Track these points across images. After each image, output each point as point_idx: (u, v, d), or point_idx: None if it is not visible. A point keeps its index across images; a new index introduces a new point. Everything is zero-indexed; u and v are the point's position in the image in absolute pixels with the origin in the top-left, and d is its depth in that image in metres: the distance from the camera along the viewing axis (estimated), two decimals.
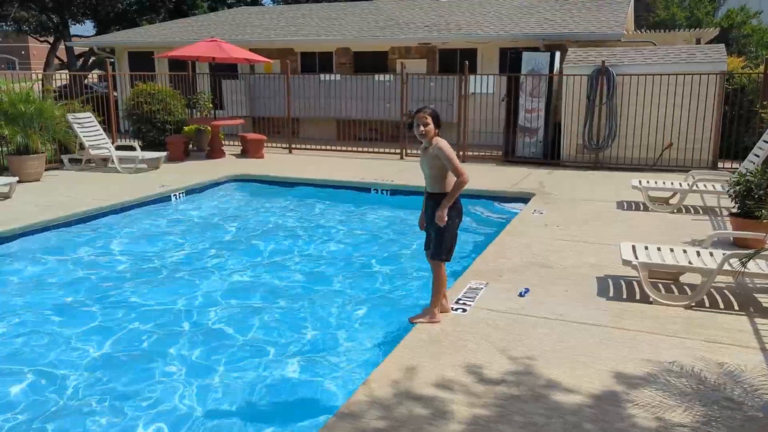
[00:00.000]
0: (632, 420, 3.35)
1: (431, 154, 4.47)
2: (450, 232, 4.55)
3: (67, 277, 6.35)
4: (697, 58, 11.68)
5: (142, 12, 27.33)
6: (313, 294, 5.93)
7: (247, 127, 15.76)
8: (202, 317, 5.38)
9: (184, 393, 4.13)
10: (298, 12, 20.24)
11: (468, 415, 3.38)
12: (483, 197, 9.39)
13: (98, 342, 4.87)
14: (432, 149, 4.46)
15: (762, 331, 4.49)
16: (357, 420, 3.34)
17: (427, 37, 15.50)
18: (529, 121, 12.56)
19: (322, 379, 4.30)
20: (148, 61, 18.31)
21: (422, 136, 4.49)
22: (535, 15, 16.30)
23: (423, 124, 4.45)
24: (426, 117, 4.46)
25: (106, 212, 8.56)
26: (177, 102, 14.02)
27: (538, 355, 4.08)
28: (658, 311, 4.84)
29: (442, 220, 4.43)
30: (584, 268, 5.89)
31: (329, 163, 12.43)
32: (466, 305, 4.96)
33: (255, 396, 4.11)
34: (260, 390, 4.17)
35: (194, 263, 6.81)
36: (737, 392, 3.65)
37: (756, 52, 17.60)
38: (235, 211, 9.33)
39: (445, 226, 4.50)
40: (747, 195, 6.68)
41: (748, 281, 5.47)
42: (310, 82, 15.60)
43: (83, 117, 11.79)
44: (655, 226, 7.47)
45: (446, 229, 4.52)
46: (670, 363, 3.99)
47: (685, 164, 11.33)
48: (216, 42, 12.83)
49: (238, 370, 4.44)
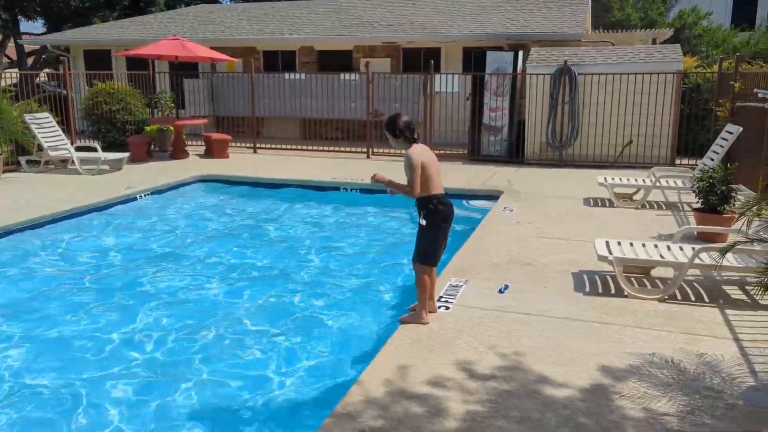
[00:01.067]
0: (622, 411, 3.46)
1: (404, 159, 4.53)
2: (429, 236, 4.58)
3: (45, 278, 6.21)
4: (654, 58, 12.05)
5: (96, 9, 26.59)
6: (294, 292, 5.92)
7: (209, 126, 15.54)
8: (189, 316, 5.30)
9: (172, 395, 4.08)
10: (260, 10, 20.03)
11: (464, 411, 3.44)
12: (452, 195, 9.42)
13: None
14: (405, 156, 4.52)
15: (734, 322, 4.68)
16: (354, 420, 3.36)
17: (391, 36, 15.55)
18: (493, 119, 12.74)
19: (312, 378, 4.30)
20: (105, 60, 17.88)
21: (396, 144, 4.60)
22: (498, 15, 16.52)
23: (389, 139, 4.61)
24: (386, 134, 4.62)
25: (76, 213, 8.38)
26: (137, 101, 13.71)
27: (526, 351, 4.17)
28: (636, 305, 4.99)
29: (378, 178, 4.63)
30: (560, 264, 6.03)
31: (296, 163, 12.37)
32: (449, 302, 5.03)
33: (240, 401, 4.08)
34: (248, 393, 4.14)
35: (174, 262, 6.71)
36: (716, 381, 3.80)
37: (707, 51, 18.22)
38: (207, 210, 9.19)
39: (423, 231, 4.57)
40: (710, 191, 6.94)
41: (715, 274, 5.68)
42: (274, 81, 15.47)
43: (41, 117, 11.44)
44: (622, 221, 7.69)
45: (424, 233, 4.58)
46: (652, 355, 4.12)
47: (645, 161, 11.68)
48: (179, 40, 12.62)
49: (223, 374, 4.40)
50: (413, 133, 4.58)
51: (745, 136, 9.04)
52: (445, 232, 4.64)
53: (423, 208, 4.54)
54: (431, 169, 4.50)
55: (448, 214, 4.60)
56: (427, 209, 4.52)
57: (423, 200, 4.53)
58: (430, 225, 4.54)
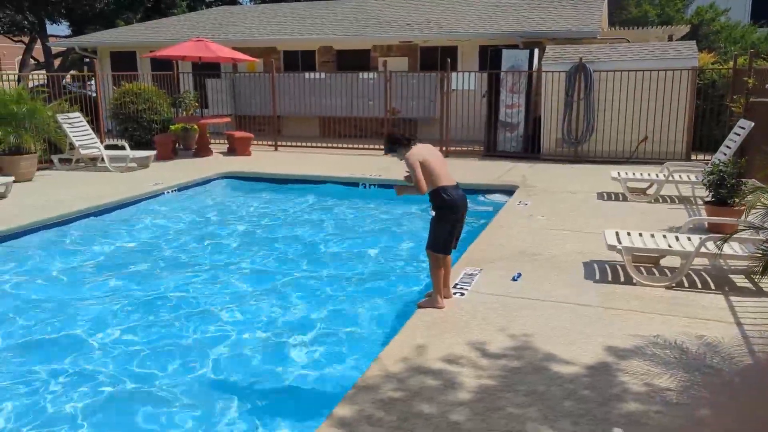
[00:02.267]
0: (624, 386, 3.70)
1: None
2: (439, 226, 4.86)
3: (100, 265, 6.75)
4: (669, 55, 12.16)
5: (119, 11, 27.19)
6: (321, 280, 6.27)
7: (231, 125, 15.93)
8: (230, 301, 5.67)
9: (218, 357, 4.40)
10: (279, 11, 20.41)
11: (476, 385, 3.71)
12: (469, 190, 9.67)
13: (142, 329, 5.11)
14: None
15: (737, 307, 4.89)
16: (374, 392, 3.64)
17: (408, 36, 15.82)
18: (509, 116, 12.96)
19: (339, 357, 4.63)
20: (130, 61, 18.37)
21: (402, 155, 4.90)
22: (513, 13, 16.71)
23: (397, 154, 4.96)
24: (392, 153, 4.99)
25: (112, 208, 8.89)
26: (162, 101, 14.14)
27: (535, 333, 4.42)
28: (643, 292, 5.22)
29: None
30: (571, 254, 6.26)
31: (316, 160, 12.69)
32: (464, 289, 5.29)
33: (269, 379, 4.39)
34: (278, 370, 4.46)
35: (206, 256, 7.12)
36: (716, 360, 4.03)
37: (725, 48, 18.23)
38: (234, 206, 9.58)
39: (434, 220, 4.87)
40: (720, 184, 7.12)
41: (722, 263, 5.88)
42: (294, 80, 15.81)
43: (73, 117, 11.89)
44: (634, 215, 7.88)
45: (435, 223, 4.88)
46: (655, 336, 4.36)
47: (660, 157, 11.79)
48: (203, 42, 13.00)
49: (272, 358, 4.72)
50: (409, 137, 4.91)
51: (759, 132, 9.18)
52: (455, 222, 4.88)
53: (432, 201, 4.83)
54: (433, 164, 4.77)
55: (457, 205, 4.82)
56: (435, 201, 4.80)
57: (431, 193, 4.82)
58: (439, 216, 4.83)
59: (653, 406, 3.48)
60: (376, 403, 3.52)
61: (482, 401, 3.54)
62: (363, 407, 3.48)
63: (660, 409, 3.45)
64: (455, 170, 5.02)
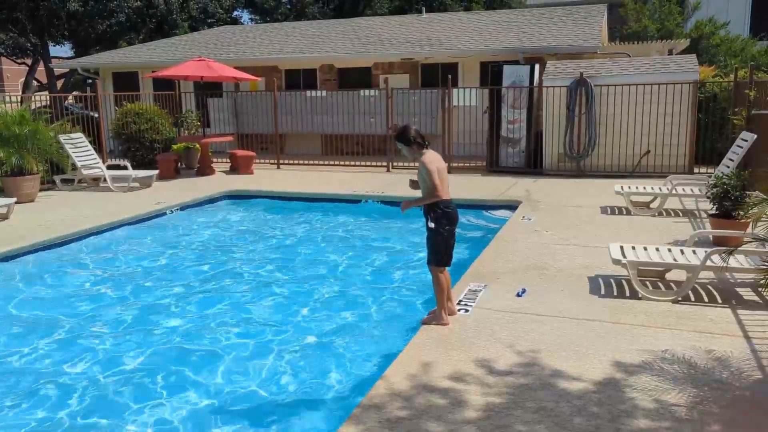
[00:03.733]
0: (633, 402, 3.65)
1: (419, 168, 4.80)
2: (437, 238, 4.83)
3: (94, 286, 6.68)
4: (670, 68, 12.20)
5: (122, 32, 27.42)
6: (322, 296, 6.24)
7: (233, 144, 15.98)
8: (229, 319, 5.62)
9: (217, 381, 4.36)
10: (281, 30, 20.57)
11: (483, 403, 3.66)
12: (473, 206, 9.71)
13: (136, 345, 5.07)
14: (419, 164, 4.79)
15: (745, 321, 4.84)
16: (381, 410, 3.60)
17: (409, 53, 15.91)
18: (511, 131, 12.97)
19: (343, 372, 4.59)
20: (132, 81, 18.49)
21: (410, 153, 4.85)
22: (513, 29, 16.81)
23: (398, 147, 4.90)
24: (396, 143, 4.90)
25: (114, 227, 8.90)
26: (164, 121, 14.21)
27: (542, 349, 4.38)
28: (650, 306, 5.17)
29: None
30: (576, 269, 6.22)
31: (320, 178, 12.70)
32: (468, 306, 5.25)
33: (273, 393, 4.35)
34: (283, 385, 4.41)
35: (209, 275, 7.06)
36: (725, 375, 3.98)
37: (725, 61, 18.28)
38: (235, 224, 9.57)
39: (431, 233, 4.84)
40: (724, 197, 7.08)
41: (728, 276, 5.83)
42: (296, 99, 15.88)
43: (75, 138, 11.94)
44: (638, 228, 7.85)
45: (433, 236, 4.85)
46: (664, 351, 4.31)
47: (663, 170, 11.78)
48: (204, 61, 13.08)
49: (274, 375, 4.68)
50: (424, 139, 4.84)
51: (761, 143, 9.17)
52: (451, 234, 4.88)
53: (431, 212, 4.80)
54: (443, 175, 4.77)
55: (453, 217, 4.86)
56: (434, 213, 4.78)
57: (431, 204, 4.80)
58: (437, 227, 4.80)
59: (663, 422, 3.43)
60: (382, 422, 3.48)
61: (490, 419, 3.49)
62: (369, 426, 3.43)
63: (670, 425, 3.39)
64: (458, 186, 5.01)
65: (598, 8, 18.54)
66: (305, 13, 30.73)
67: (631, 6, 21.15)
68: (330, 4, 31.62)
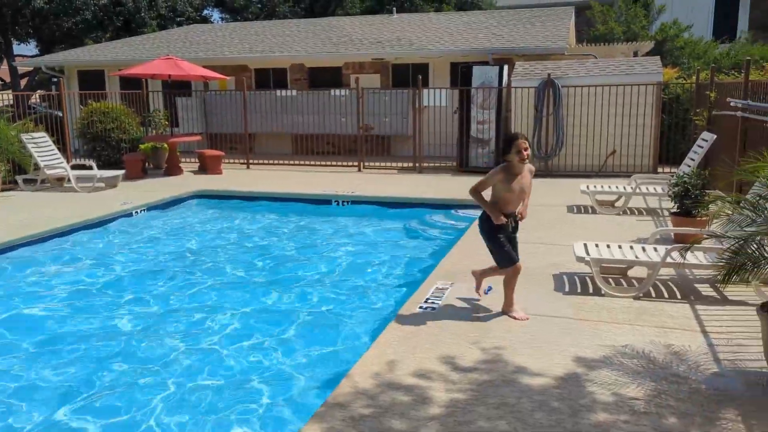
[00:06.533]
0: (593, 396, 3.72)
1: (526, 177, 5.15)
2: (493, 242, 5.06)
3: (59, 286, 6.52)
4: (635, 70, 12.43)
5: (88, 30, 26.96)
6: (291, 295, 6.19)
7: (202, 143, 15.82)
8: (203, 323, 5.55)
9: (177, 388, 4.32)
10: (251, 29, 20.43)
11: (447, 399, 3.69)
12: (442, 206, 9.76)
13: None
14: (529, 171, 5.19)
15: (703, 316, 4.96)
16: (345, 409, 3.60)
17: (380, 53, 15.93)
18: (481, 132, 13.08)
19: (309, 372, 4.57)
20: (98, 80, 18.20)
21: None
22: (483, 30, 16.95)
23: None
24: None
25: (78, 228, 8.69)
26: (131, 120, 14.01)
27: (507, 345, 4.43)
28: (612, 303, 5.27)
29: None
30: (542, 267, 6.30)
31: (291, 177, 12.65)
32: (435, 304, 5.29)
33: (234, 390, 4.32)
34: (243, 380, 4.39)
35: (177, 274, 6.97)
36: (682, 369, 4.07)
37: (688, 63, 18.67)
38: (205, 225, 9.47)
39: (487, 239, 5.10)
40: (685, 195, 7.25)
41: (688, 273, 5.97)
42: (266, 98, 15.79)
43: (38, 137, 11.70)
44: (603, 227, 7.98)
45: (489, 242, 5.11)
46: (624, 346, 4.39)
47: (628, 170, 11.99)
48: (173, 59, 12.93)
49: (240, 371, 4.64)
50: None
51: (721, 143, 9.40)
52: (505, 236, 5.04)
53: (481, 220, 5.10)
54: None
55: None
56: (481, 220, 5.09)
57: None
58: (491, 232, 5.02)
59: (622, 415, 3.50)
60: (346, 420, 3.49)
61: (453, 415, 3.52)
62: (333, 425, 3.44)
63: (628, 419, 3.47)
64: (429, 186, 5.05)
65: (565, 11, 18.81)
66: (276, 12, 30.59)
67: (597, 8, 21.47)
68: (301, 3, 31.53)
